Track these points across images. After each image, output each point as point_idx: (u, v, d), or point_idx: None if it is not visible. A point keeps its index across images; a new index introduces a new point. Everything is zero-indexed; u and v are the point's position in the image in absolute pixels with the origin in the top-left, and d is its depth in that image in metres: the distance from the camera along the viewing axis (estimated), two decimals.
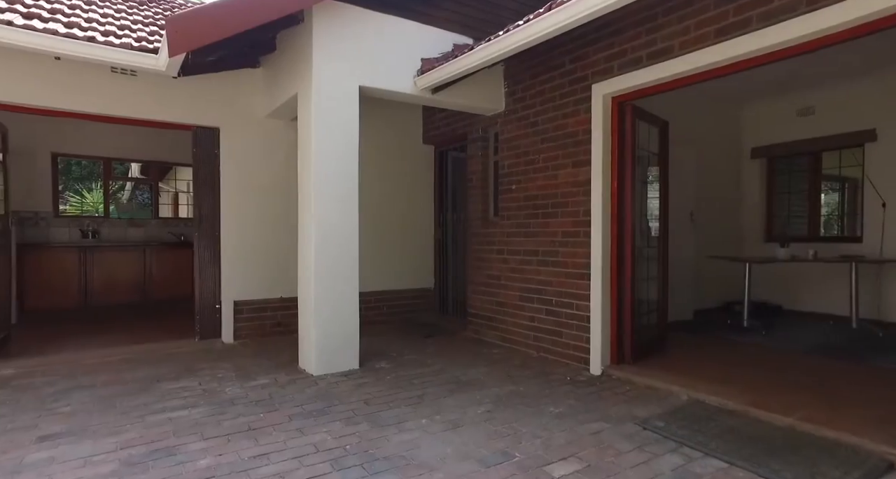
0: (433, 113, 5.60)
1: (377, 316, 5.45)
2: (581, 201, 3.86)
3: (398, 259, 5.63)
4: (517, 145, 4.46)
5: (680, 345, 4.36)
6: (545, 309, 4.18)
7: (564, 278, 4.00)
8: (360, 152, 5.36)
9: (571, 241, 3.95)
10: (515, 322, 4.47)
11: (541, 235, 4.22)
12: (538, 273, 4.24)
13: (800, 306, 6.01)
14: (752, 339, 4.61)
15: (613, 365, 3.72)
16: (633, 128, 3.75)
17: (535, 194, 4.27)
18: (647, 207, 4.29)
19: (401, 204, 5.66)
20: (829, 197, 7.12)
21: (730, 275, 6.35)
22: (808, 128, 5.91)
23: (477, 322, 4.94)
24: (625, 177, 3.75)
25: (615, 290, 3.74)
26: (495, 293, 4.71)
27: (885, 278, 5.31)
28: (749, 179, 6.54)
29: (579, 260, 3.88)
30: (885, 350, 4.20)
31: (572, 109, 3.93)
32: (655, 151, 4.27)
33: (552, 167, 4.11)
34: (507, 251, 4.58)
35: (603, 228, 3.71)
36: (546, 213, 4.17)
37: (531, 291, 4.31)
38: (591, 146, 3.76)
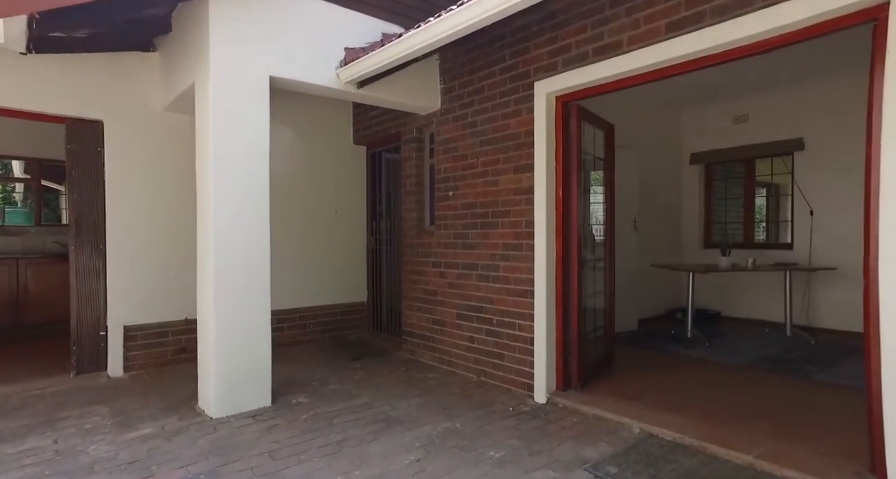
0: (364, 111, 5.09)
1: (302, 336, 4.87)
2: (524, 210, 3.51)
3: (326, 272, 5.07)
4: (454, 147, 4.05)
5: (627, 363, 4.11)
6: (485, 329, 3.79)
7: (506, 296, 3.64)
8: (279, 153, 4.78)
9: (513, 254, 3.58)
10: (454, 343, 4.06)
11: (480, 247, 3.83)
12: (478, 289, 3.85)
13: (737, 313, 6.03)
14: (697, 352, 4.46)
15: (559, 392, 3.38)
16: (578, 130, 3.44)
17: (474, 202, 3.88)
18: (593, 215, 4.03)
19: (328, 210, 5.10)
20: (763, 204, 7.28)
21: (671, 283, 6.31)
22: (743, 135, 5.95)
23: (412, 342, 4.48)
24: (570, 184, 3.44)
25: (561, 308, 3.41)
26: (432, 310, 4.27)
27: (814, 284, 5.39)
28: (688, 185, 6.53)
29: (522, 276, 3.52)
30: (821, 361, 4.16)
31: (514, 108, 3.57)
32: (601, 155, 4.00)
33: (492, 172, 3.74)
34: (444, 264, 4.16)
35: (547, 241, 3.37)
36: (486, 223, 3.79)
37: (470, 308, 3.91)
38: (535, 150, 3.41)
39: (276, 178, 4.60)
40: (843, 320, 5.20)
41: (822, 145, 5.36)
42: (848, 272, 5.14)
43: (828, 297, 5.31)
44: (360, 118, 5.17)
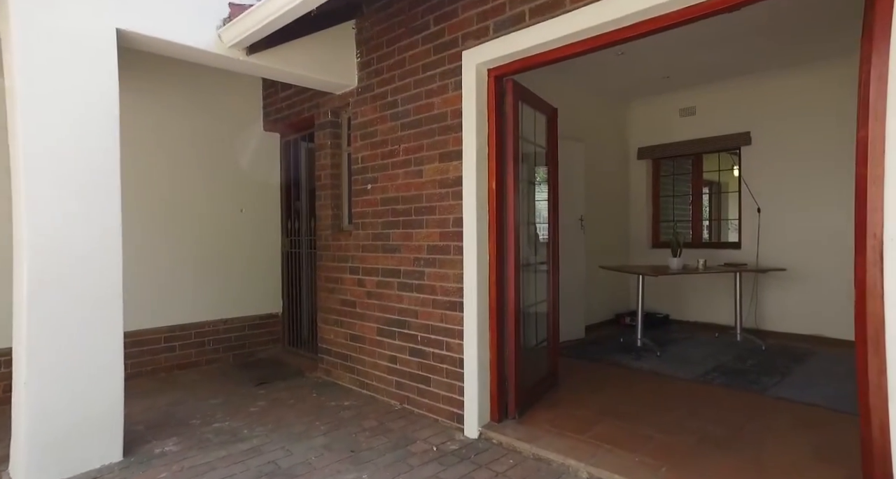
0: (275, 92, 4.37)
1: (199, 356, 4.08)
2: (451, 206, 2.93)
3: (230, 279, 4.30)
4: (373, 132, 3.43)
5: (574, 380, 3.63)
6: (409, 348, 3.19)
7: (431, 308, 3.05)
8: (172, 140, 3.98)
9: (440, 259, 3.00)
10: (374, 363, 3.43)
11: (403, 250, 3.23)
12: (400, 300, 3.25)
13: (686, 316, 5.75)
14: (648, 363, 4.05)
15: (494, 423, 2.83)
16: (515, 111, 2.90)
17: (396, 196, 3.27)
18: (535, 211, 3.52)
19: (233, 208, 4.34)
20: (711, 201, 7.10)
21: (619, 285, 5.95)
22: (690, 129, 5.67)
23: (329, 361, 3.82)
24: (506, 175, 2.89)
25: (496, 323, 2.86)
26: (349, 324, 3.63)
27: (761, 286, 5.17)
28: (636, 181, 6.20)
29: (450, 284, 2.94)
30: (776, 370, 3.87)
31: (439, 84, 2.99)
32: (543, 144, 3.49)
33: (415, 161, 3.14)
34: (362, 270, 3.52)
35: (479, 242, 2.81)
36: (408, 221, 3.19)
37: (392, 323, 3.30)
38: (463, 134, 2.85)
39: (159, 169, 3.88)
40: (790, 322, 4.99)
41: (769, 140, 5.14)
42: (796, 273, 4.93)
43: (775, 299, 5.09)
44: (271, 100, 4.43)
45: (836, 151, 4.71)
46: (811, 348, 4.58)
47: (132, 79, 3.67)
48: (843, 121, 4.65)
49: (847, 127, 4.86)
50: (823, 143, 4.79)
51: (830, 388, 3.37)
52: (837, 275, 4.70)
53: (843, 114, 4.66)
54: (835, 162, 4.73)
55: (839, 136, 4.69)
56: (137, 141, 3.72)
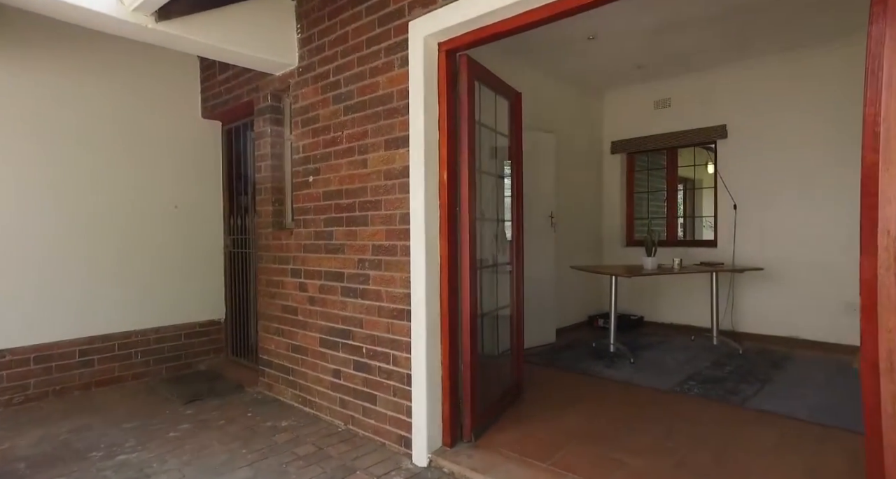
0: (213, 73, 3.92)
1: (124, 370, 3.62)
2: (398, 200, 2.57)
3: (165, 283, 3.85)
4: (314, 118, 3.04)
5: (541, 393, 3.31)
6: (353, 361, 2.82)
7: (377, 316, 2.68)
8: (92, 128, 3.50)
9: (385, 260, 2.64)
10: (318, 378, 3.05)
11: (346, 251, 2.85)
12: (344, 307, 2.87)
13: (661, 317, 5.51)
14: (622, 371, 3.76)
15: (447, 449, 2.48)
16: (471, 92, 2.55)
17: (339, 190, 2.89)
18: (500, 207, 3.19)
19: (166, 204, 3.88)
20: (686, 198, 6.91)
21: (592, 285, 5.68)
22: (665, 122, 5.42)
23: (271, 374, 3.42)
24: (461, 164, 2.54)
25: (448, 333, 2.51)
26: (291, 333, 3.24)
27: (738, 286, 4.95)
28: (610, 176, 5.94)
29: (396, 289, 2.58)
30: (754, 377, 3.63)
31: (384, 60, 2.62)
32: (505, 132, 3.16)
33: (359, 149, 2.76)
34: (304, 273, 3.13)
35: (428, 241, 2.45)
36: (352, 218, 2.82)
37: (335, 332, 2.92)
38: (410, 117, 2.48)
39: (78, 161, 3.35)
40: (767, 324, 4.78)
41: (745, 133, 4.92)
42: (773, 273, 4.72)
43: (752, 300, 4.88)
44: (210, 84, 3.98)
45: (816, 144, 4.50)
46: (789, 351, 4.37)
47: (44, 58, 3.20)
48: (824, 113, 4.45)
49: (827, 119, 4.71)
50: (802, 136, 4.58)
51: (812, 398, 3.13)
52: (815, 275, 4.51)
53: (823, 105, 4.46)
54: (814, 156, 4.52)
55: (819, 128, 4.48)
56: (48, 130, 3.25)
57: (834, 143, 4.41)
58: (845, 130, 4.35)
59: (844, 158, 4.36)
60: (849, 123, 4.34)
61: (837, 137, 4.39)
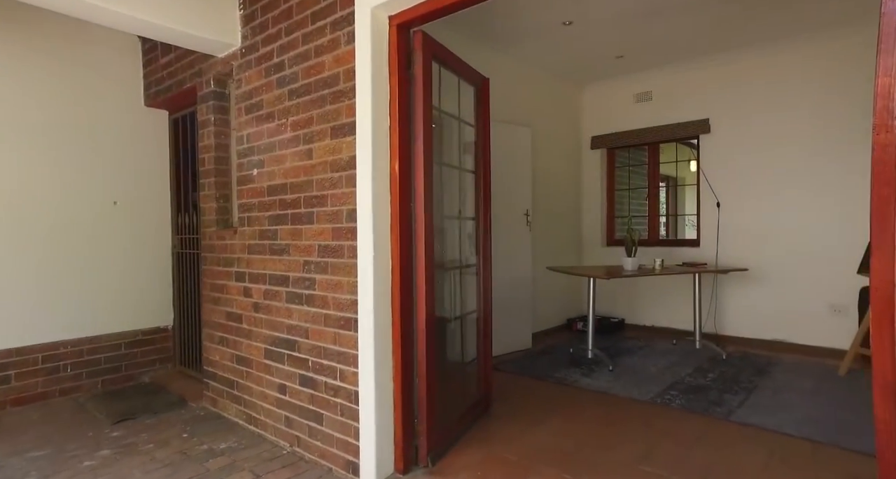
0: (155, 56, 3.58)
1: (47, 387, 3.24)
2: (345, 195, 2.28)
3: (102, 288, 3.50)
4: (258, 104, 2.73)
5: (511, 406, 3.05)
6: (299, 375, 2.52)
7: (323, 325, 2.39)
8: (14, 117, 3.15)
9: (332, 263, 2.34)
10: (263, 393, 2.74)
11: (292, 252, 2.55)
12: (289, 315, 2.57)
13: (642, 320, 5.29)
14: (600, 380, 3.52)
15: (399, 475, 2.20)
16: (427, 73, 2.27)
17: (283, 184, 2.59)
18: (471, 203, 2.92)
19: (105, 200, 3.53)
20: (668, 195, 6.72)
21: (571, 286, 5.44)
22: (646, 116, 5.21)
23: (215, 387, 3.10)
24: (415, 154, 2.26)
25: (402, 345, 2.22)
26: (236, 343, 2.92)
27: (721, 287, 4.75)
28: (589, 172, 5.70)
29: (343, 296, 2.29)
30: (739, 385, 3.43)
31: (329, 37, 2.32)
32: (471, 121, 2.89)
33: (304, 138, 2.47)
34: (249, 276, 2.82)
35: (377, 241, 2.17)
36: (297, 215, 2.52)
37: (280, 343, 2.62)
38: (357, 100, 2.19)
39: None
40: (751, 327, 4.59)
41: (729, 127, 4.72)
42: (757, 274, 4.52)
43: (736, 302, 4.68)
44: (152, 68, 3.64)
45: (803, 139, 4.32)
46: (773, 355, 4.17)
47: None
48: (810, 107, 4.27)
49: (814, 114, 4.51)
50: (789, 130, 4.39)
51: (800, 409, 2.91)
52: (799, 276, 4.32)
53: (809, 99, 4.27)
54: (802, 151, 4.33)
55: (805, 123, 4.30)
56: None
57: (821, 139, 4.22)
58: (832, 125, 4.17)
59: (831, 155, 4.18)
60: (836, 118, 4.16)
61: (824, 133, 4.21)
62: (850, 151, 4.08)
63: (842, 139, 4.12)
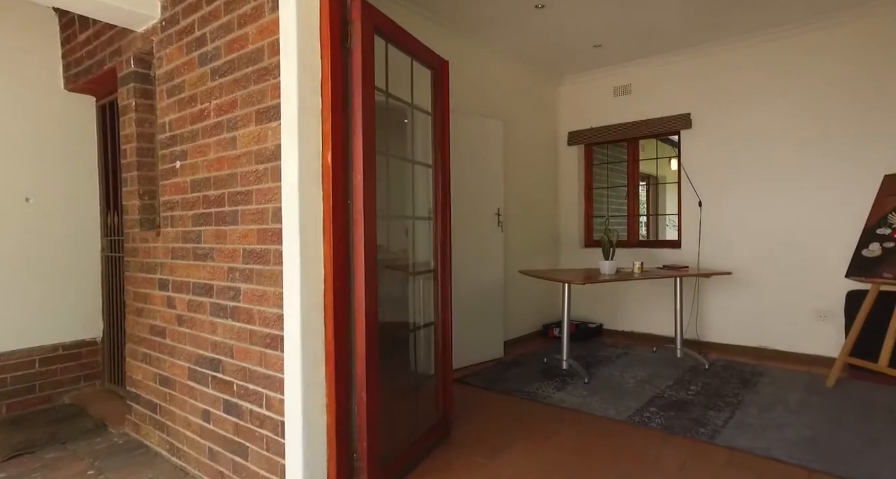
0: (74, 33, 3.17)
1: None
2: (270, 191, 1.94)
3: (11, 296, 3.08)
4: (180, 86, 2.36)
5: (472, 431, 2.73)
6: (224, 401, 2.17)
7: (249, 343, 2.04)
8: None
9: (257, 270, 2.00)
10: (186, 419, 2.38)
11: (216, 257, 2.19)
12: (213, 329, 2.21)
13: (621, 325, 5.03)
14: (574, 395, 3.23)
15: None
16: (369, 48, 1.94)
17: (207, 178, 2.23)
18: (425, 200, 2.60)
19: (16, 197, 3.12)
20: (648, 194, 6.50)
21: (548, 290, 5.16)
22: (625, 110, 4.95)
23: (138, 410, 2.71)
24: (354, 143, 1.93)
25: (337, 368, 1.89)
26: (159, 361, 2.55)
27: (703, 290, 4.51)
28: (566, 170, 5.43)
29: (269, 309, 1.95)
30: (723, 400, 3.18)
31: (253, 5, 1.98)
32: (428, 108, 2.56)
33: (228, 124, 2.11)
34: (172, 284, 2.45)
35: (304, 245, 1.83)
36: (221, 214, 2.16)
37: (205, 362, 2.26)
38: (282, 79, 1.85)
39: None
40: (734, 333, 4.36)
41: (711, 123, 4.49)
42: (741, 277, 4.29)
43: (718, 306, 4.44)
44: (70, 47, 3.22)
45: (790, 135, 4.09)
46: (758, 364, 3.94)
47: None
48: (796, 102, 4.04)
49: (801, 109, 4.25)
50: (775, 126, 4.16)
51: (790, 428, 2.66)
52: (784, 279, 4.10)
53: (795, 93, 4.04)
54: (788, 148, 4.11)
55: (793, 117, 4.07)
56: None
57: (809, 134, 4.01)
58: (821, 120, 3.95)
59: (820, 152, 3.96)
60: (825, 112, 3.94)
61: (812, 128, 3.99)
62: (840, 147, 3.87)
63: (831, 135, 3.91)
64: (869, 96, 3.74)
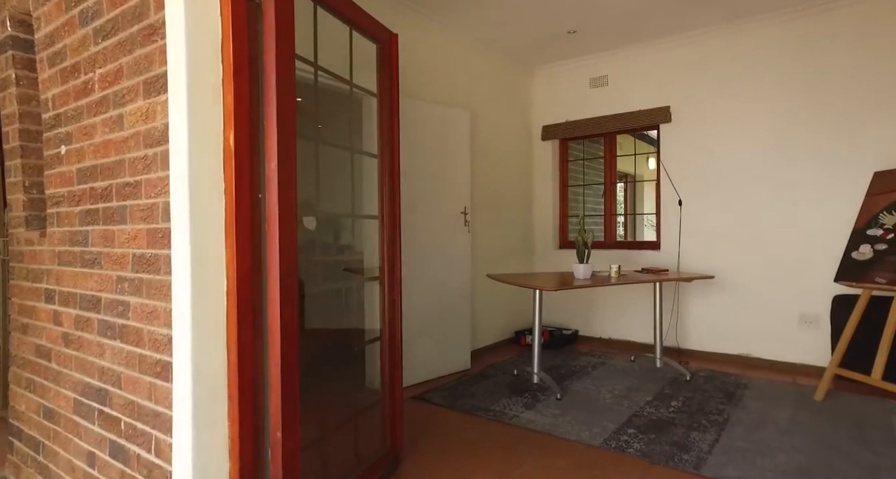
0: None
1: None
2: (160, 182, 1.54)
3: None
4: (62, 52, 1.94)
5: (425, 462, 2.37)
6: (110, 441, 1.75)
7: (137, 371, 1.64)
8: None
9: (147, 280, 1.60)
10: (70, 463, 1.95)
11: (104, 263, 1.78)
12: (101, 352, 1.80)
13: (598, 331, 4.74)
14: (544, 413, 2.90)
15: None
16: (286, 7, 1.56)
17: (94, 166, 1.82)
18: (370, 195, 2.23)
19: None
20: (626, 192, 6.24)
21: (520, 294, 4.81)
22: (602, 103, 4.66)
23: (21, 449, 2.26)
24: (268, 122, 1.55)
25: (243, 404, 1.50)
26: (43, 389, 2.11)
27: (683, 294, 4.25)
28: (541, 166, 5.12)
29: (159, 329, 1.55)
30: (707, 418, 2.89)
31: None
32: (373, 89, 2.19)
33: (115, 99, 1.70)
34: (59, 296, 2.02)
35: (198, 249, 1.44)
36: (109, 210, 1.75)
37: (91, 393, 1.84)
38: (168, 38, 1.46)
39: None
40: (716, 340, 4.11)
41: (692, 117, 4.23)
42: (724, 280, 4.04)
43: (700, 312, 4.19)
44: None
45: (775, 130, 3.85)
46: (742, 374, 3.68)
47: None
48: (787, 91, 3.79)
49: (792, 99, 3.74)
50: (760, 120, 3.92)
51: (782, 452, 2.38)
52: (768, 283, 3.86)
53: (787, 82, 3.79)
54: (773, 144, 3.87)
55: (780, 111, 3.83)
56: None
57: (796, 130, 3.77)
58: (810, 114, 3.72)
59: (807, 148, 3.73)
60: (814, 106, 3.70)
61: (800, 123, 3.75)
62: (828, 143, 3.64)
63: (820, 131, 3.67)
64: (861, 88, 3.52)
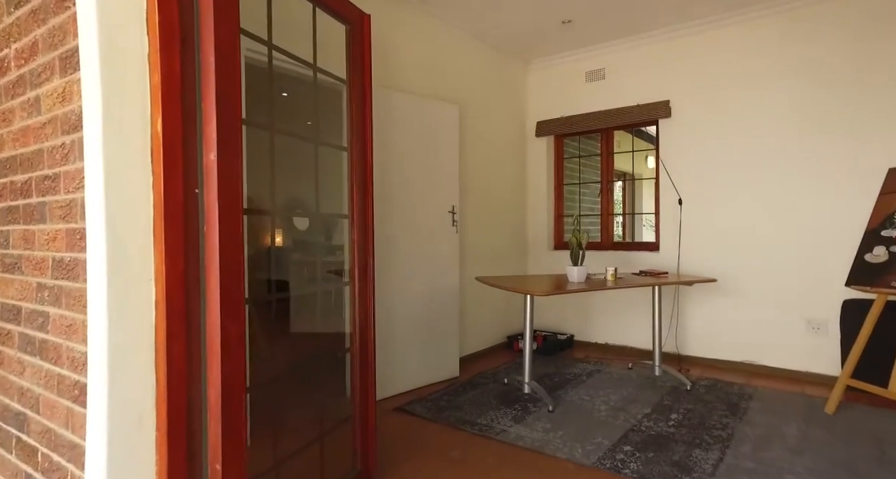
0: None
1: None
2: (79, 173, 1.32)
3: None
4: None
5: None
6: (26, 475, 1.54)
7: (56, 394, 1.42)
8: None
9: (66, 288, 1.38)
10: None
11: (24, 267, 1.57)
12: (22, 370, 1.58)
13: (594, 336, 4.53)
14: (534, 428, 2.68)
15: None
16: None
17: (13, 157, 1.60)
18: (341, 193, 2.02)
19: None
20: (624, 191, 6.03)
21: (512, 297, 4.60)
22: (599, 97, 4.44)
23: None
24: (205, 105, 1.33)
25: (173, 436, 1.29)
26: None
27: (683, 298, 4.03)
28: (535, 163, 4.90)
29: (78, 346, 1.33)
30: (710, 434, 2.68)
31: None
32: (343, 76, 1.98)
33: (31, 79, 1.49)
34: None
35: (113, 251, 1.22)
36: (29, 207, 1.54)
37: (10, 417, 1.63)
38: (78, 3, 1.24)
39: None
40: (718, 347, 3.89)
41: (692, 112, 4.01)
42: (726, 284, 3.82)
43: (700, 316, 3.97)
44: None
45: (781, 125, 3.63)
46: (745, 383, 3.47)
47: None
48: (794, 85, 3.57)
49: (800, 93, 3.43)
50: (764, 115, 3.71)
51: (791, 477, 2.16)
52: (772, 286, 3.64)
53: (793, 75, 3.57)
54: (778, 140, 3.65)
55: (786, 105, 3.61)
56: None
57: (802, 125, 3.55)
58: (818, 109, 3.50)
59: (814, 145, 3.52)
60: (822, 100, 3.49)
61: (808, 118, 3.54)
62: (838, 138, 3.42)
63: (830, 125, 3.46)
64: (872, 80, 3.30)
